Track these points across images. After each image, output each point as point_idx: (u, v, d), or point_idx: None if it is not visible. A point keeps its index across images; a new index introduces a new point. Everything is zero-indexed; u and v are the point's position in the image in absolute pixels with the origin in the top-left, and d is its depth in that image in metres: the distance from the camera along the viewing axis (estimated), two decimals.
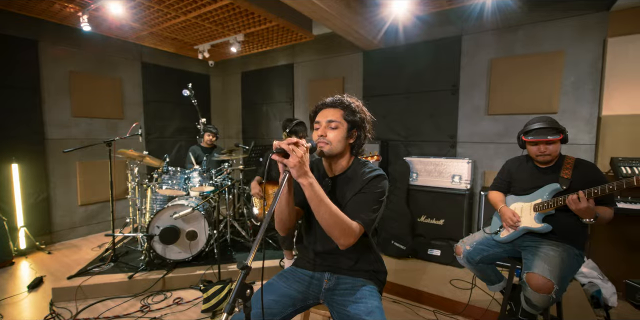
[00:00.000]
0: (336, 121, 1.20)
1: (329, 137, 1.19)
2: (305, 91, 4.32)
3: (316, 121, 1.24)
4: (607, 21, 2.53)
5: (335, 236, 1.06)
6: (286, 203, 1.16)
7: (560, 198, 1.52)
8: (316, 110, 1.28)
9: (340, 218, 1.06)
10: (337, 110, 1.23)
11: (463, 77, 3.18)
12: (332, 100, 1.26)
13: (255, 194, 2.51)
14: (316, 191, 1.04)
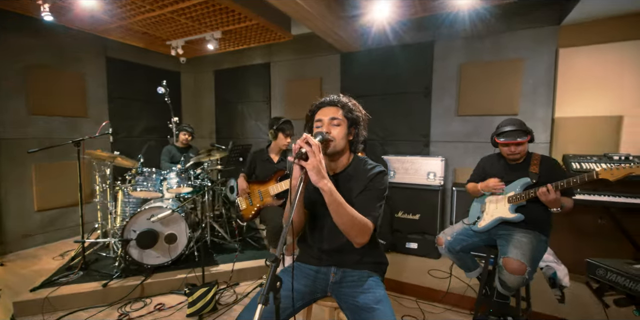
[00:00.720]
0: (338, 118, 1.24)
1: (333, 134, 1.22)
2: (283, 91, 4.32)
3: (317, 119, 1.26)
4: (558, 34, 2.85)
5: (353, 236, 1.10)
6: (301, 206, 1.19)
7: (531, 191, 1.71)
8: (314, 110, 1.31)
9: (358, 219, 1.09)
10: (336, 108, 1.27)
11: (435, 80, 3.39)
12: (330, 99, 1.30)
13: (242, 191, 2.48)
14: (335, 196, 1.06)
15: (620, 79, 2.67)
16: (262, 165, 2.55)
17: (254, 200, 2.49)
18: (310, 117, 1.32)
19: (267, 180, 2.49)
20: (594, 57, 2.73)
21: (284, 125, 2.42)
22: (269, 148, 2.61)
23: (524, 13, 2.90)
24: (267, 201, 2.44)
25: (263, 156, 2.57)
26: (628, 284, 1.15)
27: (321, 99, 1.32)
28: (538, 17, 2.88)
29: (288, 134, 2.44)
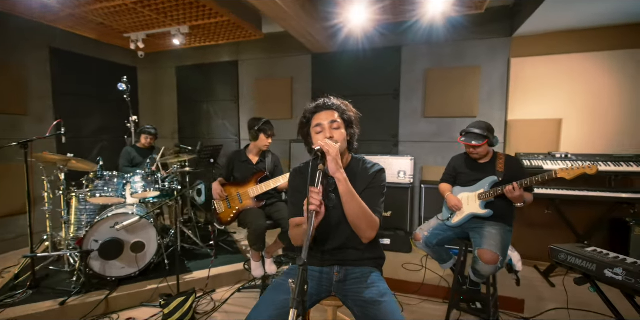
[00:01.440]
0: (337, 121, 1.28)
1: (335, 137, 1.25)
2: (252, 90, 4.23)
3: (317, 124, 1.28)
4: (510, 45, 3.17)
5: (364, 229, 1.16)
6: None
7: (498, 188, 1.90)
8: (309, 115, 1.32)
9: (368, 212, 1.16)
10: (332, 111, 1.30)
11: (403, 83, 3.57)
12: (325, 103, 1.31)
13: (217, 196, 2.39)
14: (349, 186, 1.12)
15: (560, 87, 3.05)
16: (241, 166, 2.48)
17: (232, 203, 2.41)
18: (306, 122, 1.32)
19: (246, 182, 2.43)
20: (539, 67, 3.09)
21: (265, 126, 2.37)
22: (248, 149, 2.54)
23: (481, 24, 3.18)
24: (247, 204, 2.38)
25: (241, 157, 2.50)
26: (585, 264, 1.33)
27: (315, 103, 1.33)
28: (493, 28, 3.18)
29: (269, 134, 2.40)
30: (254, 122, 2.38)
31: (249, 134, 2.43)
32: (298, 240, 1.27)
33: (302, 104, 4.01)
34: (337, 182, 1.13)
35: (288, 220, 2.25)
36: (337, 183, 1.13)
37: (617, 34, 2.85)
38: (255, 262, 2.43)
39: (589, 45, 2.93)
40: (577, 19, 2.73)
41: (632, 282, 1.24)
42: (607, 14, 2.63)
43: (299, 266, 0.84)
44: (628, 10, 2.54)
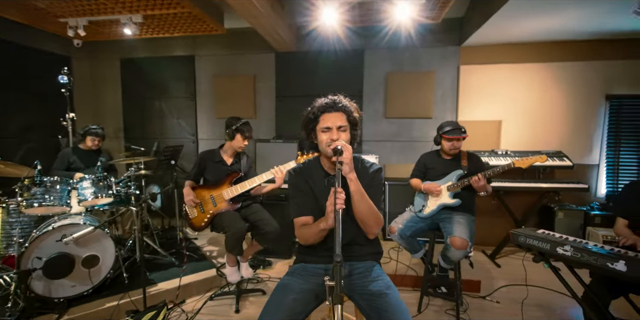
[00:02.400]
0: (344, 125, 1.31)
1: (342, 139, 1.28)
2: (210, 86, 4.01)
3: (326, 127, 1.30)
4: (459, 53, 3.52)
5: (371, 225, 1.21)
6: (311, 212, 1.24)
7: (465, 180, 2.12)
8: (317, 113, 1.32)
9: (375, 209, 1.22)
10: (341, 114, 1.32)
11: (366, 85, 3.72)
12: (334, 103, 1.33)
13: (190, 201, 2.23)
14: (359, 185, 1.15)
15: (500, 92, 3.48)
16: (214, 167, 2.35)
17: (205, 207, 2.27)
18: (314, 119, 1.32)
19: (219, 183, 2.31)
20: (484, 74, 3.49)
21: (244, 126, 2.28)
22: (222, 149, 2.42)
23: (436, 33, 3.46)
24: (222, 206, 2.27)
25: (214, 158, 2.37)
26: (540, 244, 1.56)
27: (324, 101, 1.34)
28: (446, 38, 3.50)
29: (247, 136, 2.31)
30: (232, 121, 2.28)
31: (225, 132, 2.32)
32: (309, 239, 1.27)
33: (267, 103, 3.94)
34: (349, 182, 1.17)
35: (266, 221, 2.24)
36: (349, 182, 1.17)
37: (547, 49, 3.36)
38: (230, 267, 2.33)
39: (525, 57, 3.40)
40: (515, 35, 3.15)
41: (579, 256, 1.48)
42: (539, 32, 3.09)
43: (336, 263, 0.85)
44: (558, 30, 3.01)
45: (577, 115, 3.39)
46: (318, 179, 1.37)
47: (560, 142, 3.42)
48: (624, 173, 3.39)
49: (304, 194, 1.35)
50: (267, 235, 2.23)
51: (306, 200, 1.34)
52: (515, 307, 2.33)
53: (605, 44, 3.24)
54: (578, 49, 3.30)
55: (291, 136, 3.82)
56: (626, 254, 1.40)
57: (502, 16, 2.65)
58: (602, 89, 3.34)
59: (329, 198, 1.09)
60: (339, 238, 0.94)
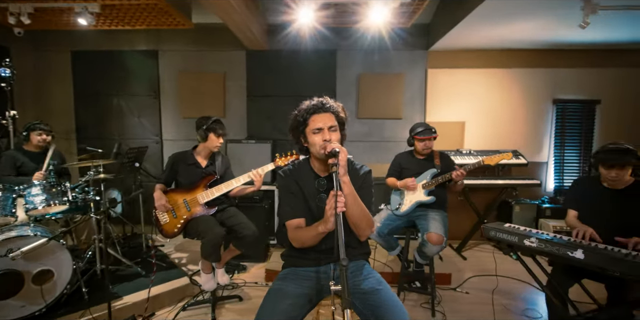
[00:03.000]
0: (334, 125, 1.31)
1: (333, 140, 1.27)
2: (176, 84, 3.79)
3: (317, 127, 1.28)
4: (427, 57, 3.69)
5: (363, 228, 1.21)
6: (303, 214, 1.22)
7: (439, 178, 2.22)
8: (307, 116, 1.30)
9: (367, 212, 1.22)
10: (330, 114, 1.31)
11: (339, 85, 3.76)
12: (322, 104, 1.31)
13: (162, 206, 2.08)
14: (352, 188, 1.13)
15: (464, 95, 3.71)
16: (187, 170, 2.21)
17: (178, 212, 2.13)
18: (302, 122, 1.29)
19: (193, 187, 2.19)
20: (450, 77, 3.69)
21: (216, 124, 2.18)
22: (196, 151, 2.29)
23: (404, 37, 3.57)
24: (196, 211, 2.15)
25: (188, 160, 2.24)
26: (509, 237, 1.68)
27: (311, 103, 1.32)
28: (414, 42, 3.64)
29: (220, 134, 2.20)
30: (202, 121, 2.17)
31: (197, 134, 2.20)
32: (306, 242, 1.24)
33: (237, 102, 3.82)
34: (343, 185, 1.15)
35: (244, 224, 2.17)
36: (343, 185, 1.15)
37: (504, 56, 3.64)
38: (206, 274, 2.21)
39: (485, 63, 3.65)
40: (476, 42, 3.38)
41: (543, 247, 1.62)
42: (496, 41, 3.34)
43: (342, 267, 0.84)
44: (512, 39, 3.27)
45: (530, 117, 3.72)
46: (308, 181, 1.35)
47: (516, 141, 3.72)
48: (568, 169, 3.79)
49: (295, 195, 1.32)
50: (246, 239, 2.16)
51: (298, 202, 1.32)
52: (484, 296, 2.49)
53: (551, 53, 3.59)
54: (529, 57, 3.62)
55: (264, 136, 3.74)
56: (582, 244, 1.57)
57: (464, 25, 2.84)
58: (550, 93, 3.69)
59: (328, 201, 1.07)
60: (342, 241, 0.93)
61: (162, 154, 3.86)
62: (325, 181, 1.34)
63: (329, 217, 1.06)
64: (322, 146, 1.24)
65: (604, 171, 1.75)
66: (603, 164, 1.73)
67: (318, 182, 1.34)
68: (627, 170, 1.69)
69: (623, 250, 1.46)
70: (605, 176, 1.75)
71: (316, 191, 1.33)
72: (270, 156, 3.52)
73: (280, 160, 2.19)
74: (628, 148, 1.68)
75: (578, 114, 3.73)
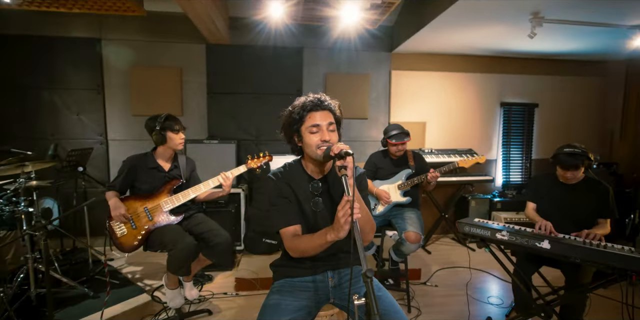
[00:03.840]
0: (333, 123, 1.23)
1: (332, 140, 1.19)
2: (124, 78, 3.38)
3: (314, 124, 1.18)
4: (391, 59, 3.79)
5: (367, 232, 1.15)
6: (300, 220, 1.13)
7: (415, 178, 2.27)
8: (303, 113, 1.20)
9: (370, 216, 1.16)
10: (327, 112, 1.23)
11: (305, 84, 3.68)
12: (320, 101, 1.22)
13: (120, 216, 1.81)
14: (357, 191, 1.06)
15: (425, 97, 3.88)
16: (148, 175, 1.96)
17: (138, 222, 1.88)
18: (298, 120, 1.20)
19: (155, 193, 1.95)
20: (412, 79, 3.83)
21: (168, 120, 1.94)
22: (156, 153, 2.04)
23: (371, 38, 3.63)
24: (159, 220, 1.92)
25: (148, 163, 1.98)
26: (482, 232, 1.78)
27: (307, 99, 1.22)
28: (379, 43, 3.71)
29: (178, 129, 1.97)
30: (151, 123, 1.93)
31: (152, 139, 1.96)
32: (309, 251, 1.13)
33: (196, 99, 3.54)
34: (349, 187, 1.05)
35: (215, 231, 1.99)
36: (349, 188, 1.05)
37: (461, 61, 3.88)
38: (172, 290, 1.99)
39: (444, 67, 3.86)
40: (436, 47, 3.55)
41: (514, 239, 1.74)
42: (453, 47, 3.55)
43: (367, 278, 0.77)
44: (467, 45, 3.50)
45: (482, 118, 4.03)
46: (301, 184, 1.26)
47: (470, 141, 4.00)
48: (513, 166, 4.18)
49: (289, 200, 1.22)
50: (218, 248, 1.98)
51: (292, 207, 1.22)
52: (452, 287, 2.63)
53: (500, 61, 3.93)
54: (482, 62, 3.92)
55: (228, 136, 3.53)
56: (548, 235, 1.71)
57: (427, 31, 2.99)
58: (497, 97, 4.04)
59: (341, 207, 0.98)
60: (362, 252, 0.86)
61: (107, 156, 3.43)
62: (320, 184, 1.27)
63: (342, 225, 0.98)
64: (319, 146, 1.16)
65: (560, 171, 1.94)
66: (561, 166, 1.91)
67: (312, 185, 1.26)
68: (581, 170, 1.88)
69: (580, 239, 1.63)
70: (562, 175, 1.94)
71: (310, 195, 1.25)
72: (235, 157, 3.33)
73: (252, 162, 2.06)
74: (581, 151, 1.87)
75: (520, 116, 4.14)
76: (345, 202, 0.97)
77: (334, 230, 1.02)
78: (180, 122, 2.03)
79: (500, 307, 2.39)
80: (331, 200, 1.25)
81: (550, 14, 2.59)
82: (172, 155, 2.07)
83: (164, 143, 1.97)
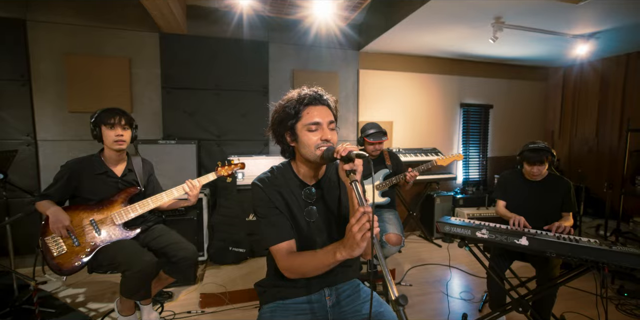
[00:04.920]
0: (334, 121, 1.08)
1: (333, 140, 1.05)
2: (58, 67, 2.89)
3: (315, 122, 1.03)
4: (359, 58, 3.75)
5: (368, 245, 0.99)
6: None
7: (393, 179, 2.22)
8: (299, 108, 1.04)
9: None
10: (326, 108, 1.08)
11: (272, 80, 3.49)
12: (319, 95, 1.07)
13: (60, 229, 1.48)
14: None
15: (392, 96, 3.91)
16: (96, 182, 1.64)
17: (82, 238, 1.56)
18: (294, 115, 1.04)
19: (107, 203, 1.64)
20: (379, 79, 3.83)
21: (103, 114, 1.64)
22: (103, 155, 1.72)
23: (339, 35, 3.54)
24: (110, 235, 1.61)
25: (95, 168, 1.65)
26: (463, 231, 1.78)
27: (303, 93, 1.07)
28: (347, 41, 3.64)
29: (114, 123, 1.65)
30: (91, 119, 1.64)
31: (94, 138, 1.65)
32: (310, 272, 0.96)
33: (149, 94, 3.15)
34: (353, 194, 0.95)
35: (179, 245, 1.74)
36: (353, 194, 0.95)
37: (425, 62, 3.97)
38: (126, 316, 1.70)
39: (409, 67, 3.92)
40: (404, 47, 3.59)
41: (494, 237, 1.77)
42: (417, 48, 3.61)
43: (399, 306, 0.65)
44: (431, 47, 3.59)
45: (444, 118, 4.18)
46: (293, 191, 1.10)
47: (434, 140, 4.13)
48: (472, 164, 4.41)
49: (280, 211, 1.06)
50: (183, 263, 1.74)
51: (285, 219, 1.06)
52: (426, 285, 2.65)
53: (461, 63, 4.11)
54: (445, 64, 4.06)
55: (186, 136, 3.20)
56: (526, 232, 1.76)
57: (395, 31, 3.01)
58: (458, 98, 4.22)
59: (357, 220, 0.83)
60: (387, 274, 0.74)
61: (37, 159, 2.90)
62: (314, 190, 1.12)
63: (359, 242, 0.83)
64: (318, 146, 1.02)
65: (527, 167, 2.02)
66: (527, 162, 1.99)
67: (305, 192, 1.11)
68: (546, 165, 1.97)
69: (555, 234, 1.70)
70: (529, 171, 2.02)
71: (303, 203, 1.10)
72: (196, 159, 3.03)
73: (222, 169, 1.85)
74: (544, 146, 1.97)
75: (478, 116, 4.38)
76: (361, 214, 0.84)
77: (345, 247, 0.87)
78: (124, 116, 1.71)
79: (472, 302, 2.45)
80: (325, 208, 1.12)
81: (511, 19, 2.73)
82: (122, 157, 1.76)
83: (104, 140, 1.67)
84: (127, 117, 1.71)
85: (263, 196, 1.07)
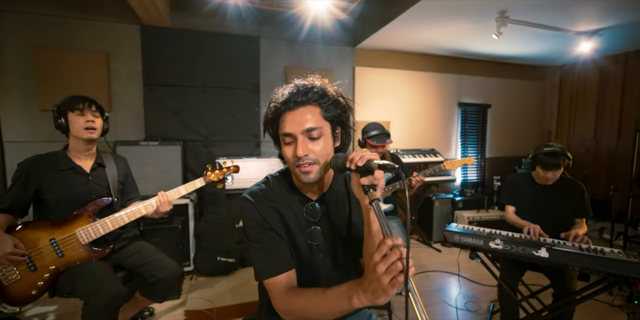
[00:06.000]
0: (317, 127, 0.82)
1: (316, 154, 0.83)
2: (27, 61, 2.62)
3: (285, 133, 0.82)
4: (354, 55, 3.57)
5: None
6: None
7: (396, 183, 2.05)
8: (276, 113, 0.85)
9: None
10: (311, 107, 0.84)
11: (263, 77, 3.28)
12: (297, 92, 0.84)
13: (6, 257, 1.24)
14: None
15: (389, 95, 3.75)
16: (62, 180, 1.40)
17: (40, 261, 1.32)
18: (272, 120, 0.85)
19: (71, 218, 1.41)
20: (376, 76, 3.67)
21: (69, 101, 1.43)
22: (68, 150, 1.49)
23: (334, 31, 3.36)
24: (74, 257, 1.39)
25: (59, 164, 1.42)
26: (474, 241, 1.63)
27: (283, 92, 0.86)
28: (342, 37, 3.46)
29: (82, 108, 1.44)
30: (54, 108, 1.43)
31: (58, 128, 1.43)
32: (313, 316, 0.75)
33: (129, 91, 2.91)
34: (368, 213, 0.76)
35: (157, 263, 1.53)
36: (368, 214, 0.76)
37: (424, 59, 3.82)
38: None
39: (408, 65, 3.77)
40: (402, 44, 3.44)
41: (509, 248, 1.61)
42: (421, 45, 3.46)
43: None
44: (429, 44, 3.44)
45: (443, 118, 4.05)
46: (292, 207, 0.90)
47: (433, 141, 3.99)
48: (470, 165, 4.26)
49: (276, 233, 0.86)
50: (161, 285, 1.52)
51: (283, 244, 0.86)
52: (428, 295, 2.50)
53: (459, 61, 3.98)
54: (443, 62, 3.93)
55: (171, 137, 2.97)
56: (543, 242, 1.61)
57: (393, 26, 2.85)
58: (456, 97, 4.09)
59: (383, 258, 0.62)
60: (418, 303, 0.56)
61: (2, 163, 2.64)
62: (318, 206, 0.92)
63: (386, 288, 0.62)
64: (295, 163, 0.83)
65: (542, 172, 1.87)
66: (543, 166, 1.84)
67: (307, 209, 0.91)
68: (561, 169, 1.83)
69: (582, 245, 1.54)
70: (544, 176, 1.87)
71: (305, 222, 0.90)
72: (182, 162, 2.81)
73: (212, 173, 1.65)
74: (561, 150, 1.82)
75: (476, 116, 4.26)
76: (389, 249, 0.64)
77: (366, 292, 0.65)
78: (94, 103, 1.50)
79: (478, 313, 2.30)
80: (331, 228, 0.93)
81: (516, 13, 2.59)
82: (92, 152, 1.53)
83: (68, 132, 1.44)
84: (97, 105, 1.50)
85: (255, 215, 0.86)
